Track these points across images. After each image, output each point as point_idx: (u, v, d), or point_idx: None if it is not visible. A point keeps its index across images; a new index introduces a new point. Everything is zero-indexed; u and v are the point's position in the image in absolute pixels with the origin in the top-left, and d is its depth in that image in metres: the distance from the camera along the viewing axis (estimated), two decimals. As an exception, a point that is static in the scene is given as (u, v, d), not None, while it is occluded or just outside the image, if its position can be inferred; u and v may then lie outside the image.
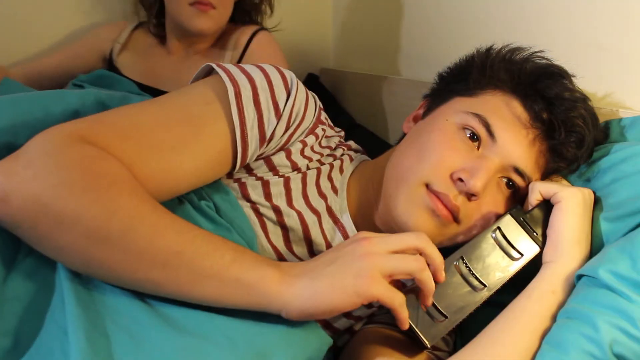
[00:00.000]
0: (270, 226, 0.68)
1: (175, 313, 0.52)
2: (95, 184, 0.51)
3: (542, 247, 0.63)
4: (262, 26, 1.29)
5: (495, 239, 0.63)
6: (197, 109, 0.62)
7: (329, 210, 0.71)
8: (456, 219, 0.64)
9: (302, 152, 0.70)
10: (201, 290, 0.52)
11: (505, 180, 0.67)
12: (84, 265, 0.52)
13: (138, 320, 0.51)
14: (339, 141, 0.78)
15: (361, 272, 0.52)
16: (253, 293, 0.52)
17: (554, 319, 0.57)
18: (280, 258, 0.68)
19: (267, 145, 0.66)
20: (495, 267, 0.62)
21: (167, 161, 0.59)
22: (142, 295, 0.53)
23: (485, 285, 0.61)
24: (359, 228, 0.72)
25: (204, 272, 0.51)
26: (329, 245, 0.71)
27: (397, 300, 0.54)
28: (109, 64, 1.25)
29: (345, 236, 0.71)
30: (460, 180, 0.63)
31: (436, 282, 0.57)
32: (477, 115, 0.66)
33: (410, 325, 0.59)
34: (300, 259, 0.69)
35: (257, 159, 0.67)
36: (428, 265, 0.56)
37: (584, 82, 0.71)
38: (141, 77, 1.20)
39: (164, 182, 0.59)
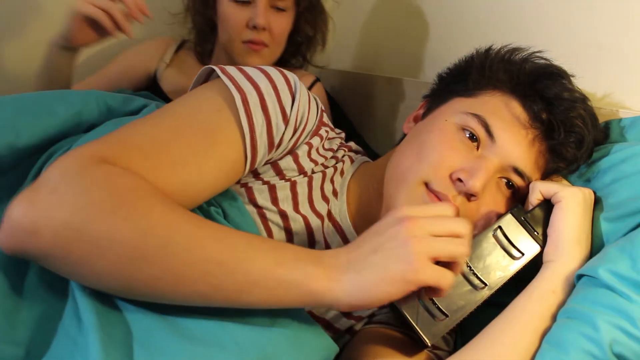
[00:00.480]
0: (275, 232, 0.68)
1: (186, 321, 0.52)
2: (123, 200, 0.50)
3: (542, 247, 0.63)
4: (309, 63, 1.28)
5: (496, 238, 0.63)
6: (209, 118, 0.61)
7: (329, 213, 0.71)
8: (457, 219, 0.65)
9: (309, 155, 0.70)
10: (249, 296, 0.51)
11: (505, 180, 0.67)
12: (125, 287, 0.50)
13: (150, 330, 0.50)
14: (340, 142, 0.78)
15: (408, 257, 0.51)
16: (301, 293, 0.51)
17: (554, 318, 0.57)
18: None
19: (275, 151, 0.66)
20: (496, 266, 0.62)
21: (188, 175, 0.58)
22: (153, 305, 0.52)
23: (486, 284, 0.61)
24: (357, 230, 0.72)
25: (249, 279, 0.50)
26: (327, 247, 0.71)
27: (446, 281, 0.52)
28: (153, 80, 1.23)
29: (344, 239, 0.72)
30: (460, 180, 0.63)
31: None
32: (476, 116, 0.66)
33: (411, 323, 0.59)
34: None
35: (264, 164, 0.67)
36: None
37: (583, 82, 0.71)
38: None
39: (186, 196, 0.58)
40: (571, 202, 0.62)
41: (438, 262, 0.53)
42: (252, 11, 1.08)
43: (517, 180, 0.66)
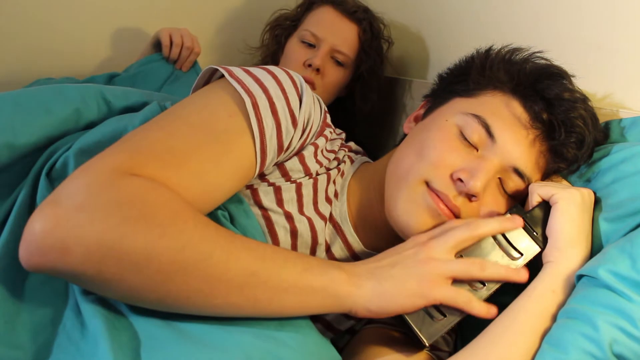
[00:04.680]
0: (281, 234, 0.68)
1: (192, 328, 0.52)
2: (157, 217, 0.50)
3: (542, 247, 0.63)
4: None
5: (495, 239, 0.63)
6: (222, 123, 0.60)
7: (331, 214, 0.72)
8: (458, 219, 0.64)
9: (315, 155, 0.69)
10: (279, 304, 0.53)
11: (505, 180, 0.66)
12: (159, 300, 0.51)
13: (155, 335, 0.50)
14: (341, 143, 0.78)
15: (424, 276, 0.57)
16: (326, 296, 0.55)
17: (554, 318, 0.57)
18: None
19: (284, 154, 0.66)
20: None
21: (207, 183, 0.58)
22: (158, 312, 0.52)
23: (484, 285, 0.61)
24: (358, 231, 0.72)
25: (280, 286, 0.53)
26: (328, 248, 0.71)
27: (460, 299, 0.58)
28: None
29: (344, 240, 0.72)
30: (460, 180, 0.63)
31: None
32: (477, 117, 0.66)
33: (409, 323, 0.59)
34: None
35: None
36: None
37: (584, 82, 0.71)
38: None
39: (205, 203, 0.59)
40: (568, 203, 0.62)
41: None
42: (313, 53, 1.19)
43: (518, 181, 0.66)
